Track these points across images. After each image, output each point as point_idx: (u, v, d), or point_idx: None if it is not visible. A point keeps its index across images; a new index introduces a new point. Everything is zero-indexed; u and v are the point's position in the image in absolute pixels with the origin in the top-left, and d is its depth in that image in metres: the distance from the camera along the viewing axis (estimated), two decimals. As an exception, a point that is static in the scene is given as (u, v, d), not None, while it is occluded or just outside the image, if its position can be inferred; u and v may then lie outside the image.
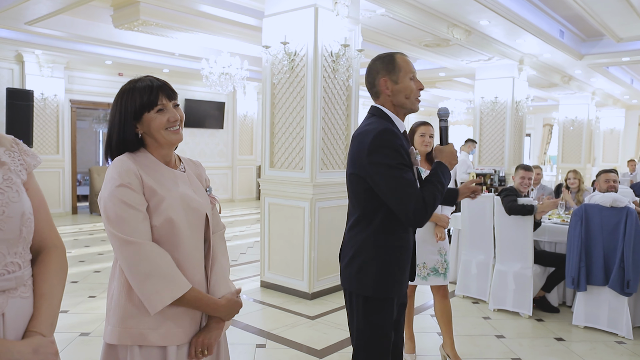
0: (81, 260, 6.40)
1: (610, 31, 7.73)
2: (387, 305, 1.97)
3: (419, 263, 3.33)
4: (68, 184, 10.27)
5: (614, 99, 14.95)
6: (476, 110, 9.56)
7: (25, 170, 1.30)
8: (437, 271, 3.38)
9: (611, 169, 4.84)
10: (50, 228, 1.36)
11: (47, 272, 1.31)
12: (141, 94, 1.56)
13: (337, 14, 4.89)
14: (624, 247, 3.96)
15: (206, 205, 1.67)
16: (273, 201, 5.15)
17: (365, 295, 1.96)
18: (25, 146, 1.34)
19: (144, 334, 1.49)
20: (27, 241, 1.26)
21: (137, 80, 1.61)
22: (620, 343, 3.92)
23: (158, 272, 1.48)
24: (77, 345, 3.68)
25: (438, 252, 3.40)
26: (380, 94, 2.01)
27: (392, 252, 1.95)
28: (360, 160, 1.91)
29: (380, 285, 1.94)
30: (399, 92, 1.97)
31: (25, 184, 1.29)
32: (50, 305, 1.27)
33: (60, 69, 9.84)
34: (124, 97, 1.58)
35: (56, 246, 1.36)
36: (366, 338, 1.99)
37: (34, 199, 1.30)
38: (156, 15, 6.80)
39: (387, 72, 1.97)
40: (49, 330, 1.24)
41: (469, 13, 6.49)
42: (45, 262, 1.32)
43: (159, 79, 1.62)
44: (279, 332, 4.01)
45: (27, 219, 1.24)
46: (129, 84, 1.60)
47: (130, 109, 1.55)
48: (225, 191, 13.16)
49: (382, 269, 1.94)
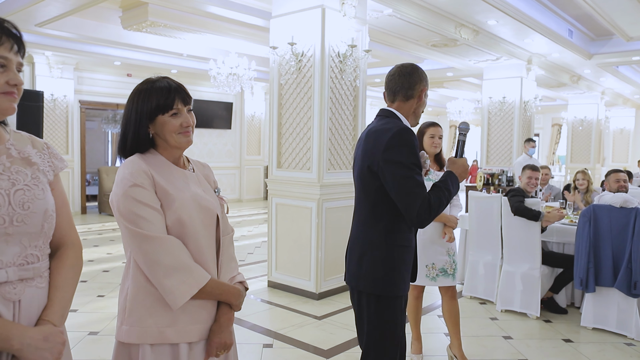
0: (90, 260, 6.45)
1: (620, 30, 7.67)
2: (397, 304, 2.02)
3: (428, 264, 3.35)
4: (77, 184, 10.36)
5: (624, 99, 14.82)
6: (484, 110, 9.53)
7: (53, 171, 1.41)
8: (445, 272, 3.38)
9: (620, 169, 4.79)
10: (70, 227, 1.45)
11: (63, 266, 1.39)
12: (158, 96, 1.56)
13: (344, 15, 4.89)
14: (632, 248, 3.93)
15: (216, 206, 1.68)
16: (280, 201, 5.17)
17: (376, 294, 1.99)
18: (55, 150, 1.46)
19: (161, 331, 1.50)
20: (48, 236, 1.35)
21: (154, 80, 1.61)
22: (629, 345, 3.89)
23: (180, 264, 1.49)
24: (86, 344, 3.71)
25: (447, 252, 3.41)
26: (410, 99, 2.10)
27: (400, 251, 2.00)
28: (375, 156, 1.95)
29: (391, 283, 1.98)
30: (422, 105, 2.13)
31: (51, 184, 1.39)
32: (63, 298, 1.35)
33: (70, 70, 9.92)
34: (140, 97, 1.58)
35: (74, 244, 1.45)
36: (378, 336, 2.01)
37: (57, 199, 1.40)
38: (164, 16, 6.85)
39: (426, 84, 2.13)
40: (59, 320, 1.32)
41: (476, 13, 6.48)
42: (63, 258, 1.40)
43: (175, 81, 1.63)
44: (286, 332, 4.02)
45: (50, 215, 1.34)
46: (146, 83, 1.60)
47: (146, 109, 1.56)
48: (233, 191, 13.20)
49: (393, 267, 1.98)
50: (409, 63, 2.17)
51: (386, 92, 2.15)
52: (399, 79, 2.10)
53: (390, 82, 2.12)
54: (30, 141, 1.39)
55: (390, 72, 2.15)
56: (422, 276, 3.37)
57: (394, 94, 2.11)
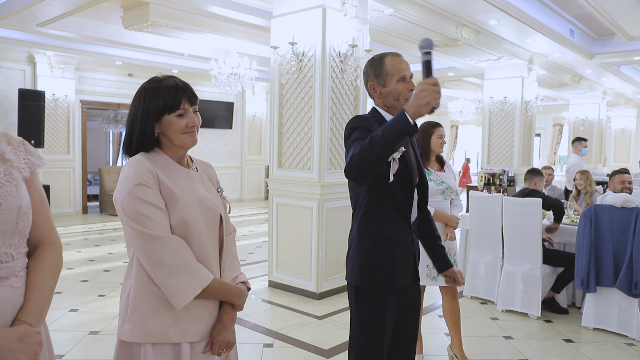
0: (91, 259, 6.46)
1: (622, 30, 7.66)
2: (377, 297, 1.94)
3: (429, 264, 3.27)
4: (78, 183, 10.36)
5: (626, 99, 14.79)
6: (485, 110, 9.52)
7: (29, 168, 1.38)
8: None
9: (625, 170, 4.74)
10: (49, 226, 1.42)
11: (40, 265, 1.35)
12: (165, 96, 1.56)
13: (345, 15, 4.89)
14: (633, 248, 3.92)
15: (220, 205, 1.68)
16: (281, 201, 5.17)
17: (354, 285, 1.98)
18: (32, 148, 1.43)
19: (164, 331, 1.50)
20: (24, 234, 1.32)
21: (161, 79, 1.60)
22: (630, 345, 3.89)
23: (184, 264, 1.49)
24: (86, 344, 3.72)
25: (447, 252, 3.39)
26: (373, 96, 2.07)
27: (377, 242, 1.95)
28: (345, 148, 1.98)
29: (363, 274, 1.94)
30: (388, 94, 1.99)
31: (27, 181, 1.37)
32: (40, 297, 1.31)
33: (71, 69, 9.94)
34: (147, 95, 1.57)
35: (53, 243, 1.42)
36: (356, 330, 1.99)
37: (35, 197, 1.37)
38: (165, 16, 6.86)
39: (375, 75, 2.01)
40: (36, 320, 1.28)
41: (477, 13, 6.47)
42: (41, 257, 1.37)
43: (182, 81, 1.62)
44: (286, 332, 4.02)
45: (24, 213, 1.30)
46: (153, 82, 1.60)
47: (153, 108, 1.56)
48: (234, 191, 13.21)
49: (365, 257, 1.95)
50: (377, 54, 2.08)
51: None
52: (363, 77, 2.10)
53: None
54: (6, 138, 1.37)
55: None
56: (423, 276, 3.33)
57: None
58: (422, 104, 1.60)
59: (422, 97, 1.59)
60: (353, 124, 1.94)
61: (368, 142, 1.68)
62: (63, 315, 4.32)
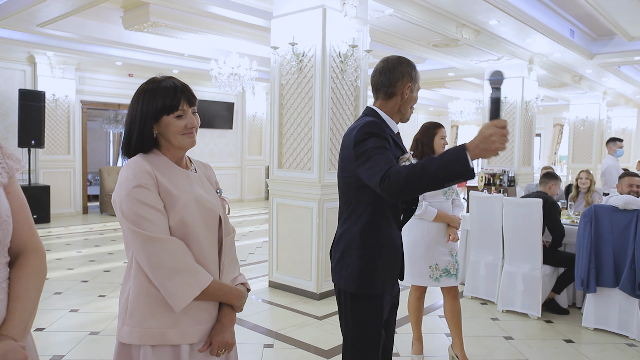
0: (91, 259, 6.46)
1: (622, 30, 7.65)
2: (374, 303, 1.95)
3: (432, 264, 3.35)
4: (79, 184, 10.36)
5: (626, 99, 14.78)
6: (485, 110, 9.51)
7: (7, 173, 1.30)
8: (449, 272, 3.38)
9: (634, 173, 4.69)
10: (30, 232, 1.34)
11: (23, 275, 1.28)
12: (164, 97, 1.55)
13: (345, 15, 4.89)
14: (635, 248, 3.92)
15: (219, 206, 1.68)
16: (281, 201, 5.17)
17: (352, 293, 1.97)
18: (9, 150, 1.35)
19: (163, 332, 1.50)
20: (4, 244, 1.25)
21: (160, 80, 1.60)
22: (630, 345, 3.89)
23: (183, 266, 1.49)
24: (86, 344, 3.72)
25: (449, 252, 3.41)
26: (393, 96, 1.99)
27: (379, 249, 1.95)
28: (349, 154, 1.91)
29: (366, 282, 1.94)
30: (410, 101, 2.00)
31: (6, 187, 1.29)
32: (24, 309, 1.24)
33: (72, 70, 9.94)
34: (146, 96, 1.57)
35: (36, 250, 1.34)
36: (353, 336, 1.98)
37: (14, 203, 1.30)
38: (166, 16, 6.86)
39: (411, 79, 1.98)
40: (20, 334, 1.21)
41: (477, 13, 6.46)
42: (23, 266, 1.29)
43: (181, 82, 1.62)
44: (286, 332, 4.02)
45: (4, 221, 1.23)
46: (152, 83, 1.59)
47: (151, 109, 1.55)
48: (235, 191, 13.21)
49: (370, 266, 1.94)
50: (394, 56, 2.04)
51: (372, 88, 2.07)
52: (379, 76, 2.00)
53: (372, 79, 2.03)
54: None
55: (375, 66, 2.05)
56: (425, 277, 3.38)
57: (376, 92, 2.02)
58: (490, 150, 1.48)
59: (490, 142, 1.46)
60: (368, 129, 1.86)
61: (419, 170, 1.60)
62: (63, 315, 4.32)
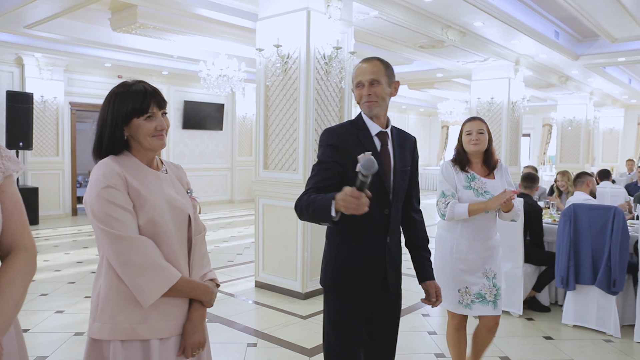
0: (79, 261, 6.47)
1: (605, 32, 7.76)
2: (338, 301, 2.00)
3: (460, 288, 2.88)
4: (68, 185, 10.35)
5: (613, 99, 14.96)
6: (472, 110, 9.61)
7: (2, 173, 1.35)
8: (483, 298, 2.85)
9: None
10: (23, 230, 1.39)
11: (10, 270, 1.31)
12: (134, 100, 1.61)
13: (329, 17, 4.94)
14: (611, 246, 4.00)
15: (189, 206, 1.73)
16: (267, 202, 5.21)
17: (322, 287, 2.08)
18: (8, 152, 1.39)
19: (133, 328, 1.55)
20: None
21: (130, 84, 1.66)
22: (607, 341, 3.97)
23: (151, 264, 1.54)
24: (71, 344, 3.74)
25: (484, 274, 2.87)
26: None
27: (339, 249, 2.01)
28: None
29: (327, 277, 2.03)
30: (355, 98, 2.06)
31: (0, 186, 1.35)
32: (6, 304, 1.25)
33: (60, 71, 9.93)
34: (116, 100, 1.63)
35: (26, 248, 1.38)
36: (323, 333, 2.08)
37: (8, 201, 1.35)
38: (153, 18, 6.88)
39: (352, 79, 2.07)
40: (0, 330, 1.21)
41: (462, 15, 6.54)
42: (11, 262, 1.33)
43: (151, 86, 1.68)
44: (270, 332, 4.06)
45: None
46: (122, 87, 1.66)
47: (122, 112, 1.61)
48: (225, 192, 13.23)
49: (331, 263, 2.03)
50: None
51: None
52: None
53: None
54: None
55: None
56: (454, 302, 2.91)
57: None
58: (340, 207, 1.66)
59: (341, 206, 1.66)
60: (321, 141, 2.02)
61: (305, 206, 1.83)
62: (49, 317, 4.34)
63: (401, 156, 2.07)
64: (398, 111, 18.76)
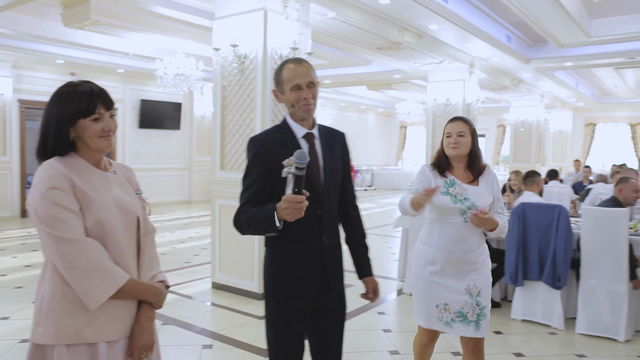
0: (27, 265, 6.24)
1: (553, 37, 8.08)
2: (278, 304, 2.03)
3: (439, 304, 2.60)
4: (17, 186, 9.95)
5: (562, 102, 15.58)
6: (429, 112, 9.82)
7: None
8: (464, 317, 2.56)
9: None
10: None
11: None
12: (80, 100, 1.58)
13: (286, 18, 4.95)
14: (556, 243, 4.19)
15: (137, 207, 1.71)
16: (224, 202, 5.17)
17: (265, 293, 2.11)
18: None
19: (78, 331, 1.51)
20: None
21: (76, 84, 1.62)
22: (552, 334, 4.15)
23: (97, 266, 1.51)
24: (16, 352, 3.61)
25: (466, 291, 2.57)
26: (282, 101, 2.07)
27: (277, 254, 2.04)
28: None
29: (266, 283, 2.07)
30: (286, 101, 2.01)
31: None
32: None
33: (7, 67, 9.53)
34: (62, 100, 1.58)
35: None
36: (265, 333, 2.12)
37: None
38: (108, 14, 6.70)
39: (276, 83, 2.04)
40: None
41: (418, 17, 6.68)
42: None
43: (98, 86, 1.64)
44: (226, 333, 4.04)
45: None
46: (68, 86, 1.62)
47: (67, 113, 1.57)
48: (182, 193, 13.02)
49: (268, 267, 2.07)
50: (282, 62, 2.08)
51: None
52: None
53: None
54: None
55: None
56: (433, 318, 2.63)
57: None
58: (284, 215, 1.77)
59: (285, 214, 1.76)
60: (247, 150, 2.03)
61: (247, 222, 1.92)
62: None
63: (330, 154, 2.06)
64: (357, 111, 18.94)
